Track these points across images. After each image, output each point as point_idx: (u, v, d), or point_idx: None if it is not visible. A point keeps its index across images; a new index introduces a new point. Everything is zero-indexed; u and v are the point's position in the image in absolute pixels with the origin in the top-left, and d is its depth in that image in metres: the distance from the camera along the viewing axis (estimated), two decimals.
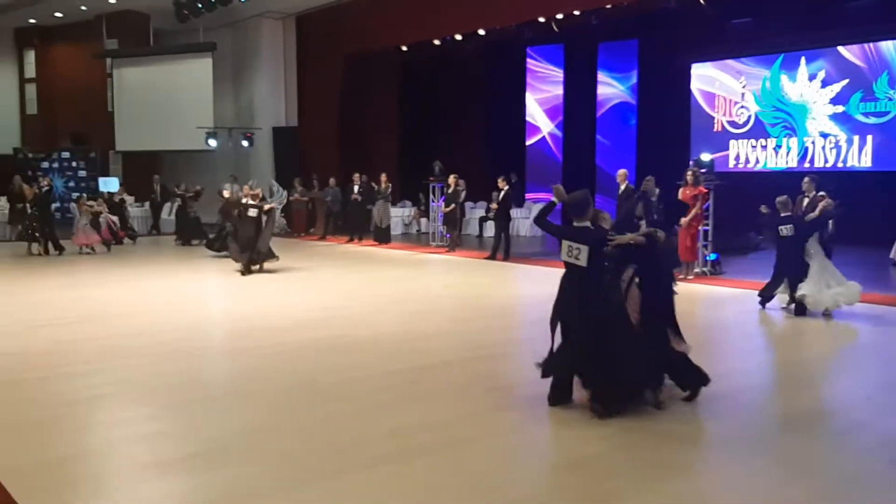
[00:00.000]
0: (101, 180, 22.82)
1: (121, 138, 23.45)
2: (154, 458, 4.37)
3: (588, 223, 5.25)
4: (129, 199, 20.58)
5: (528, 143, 22.75)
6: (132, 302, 9.85)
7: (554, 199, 5.54)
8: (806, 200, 10.41)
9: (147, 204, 21.40)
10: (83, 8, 22.65)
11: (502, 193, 14.69)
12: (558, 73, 22.17)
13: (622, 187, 12.47)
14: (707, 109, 19.63)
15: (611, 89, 21.25)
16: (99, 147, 23.79)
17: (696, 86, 19.84)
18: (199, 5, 20.01)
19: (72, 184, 23.56)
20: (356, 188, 18.29)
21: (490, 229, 18.28)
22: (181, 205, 18.63)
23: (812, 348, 7.69)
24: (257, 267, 12.30)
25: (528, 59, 22.47)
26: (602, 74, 21.32)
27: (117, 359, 6.70)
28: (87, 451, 4.56)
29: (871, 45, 16.66)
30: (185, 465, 4.30)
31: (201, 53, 22.70)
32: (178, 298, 10.13)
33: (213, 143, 22.45)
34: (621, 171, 12.80)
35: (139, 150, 23.42)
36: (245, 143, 22.78)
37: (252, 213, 12.38)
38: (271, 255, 12.55)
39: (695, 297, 9.95)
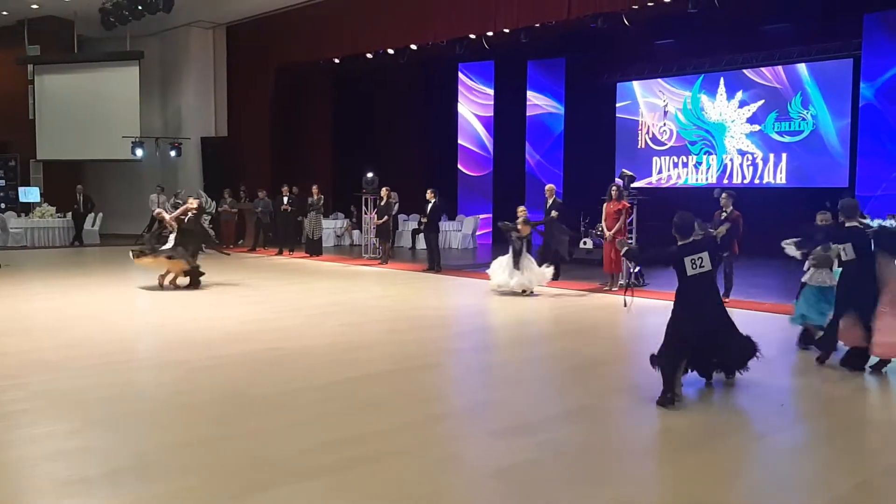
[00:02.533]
0: (21, 189, 22.10)
1: (42, 147, 22.72)
2: (77, 474, 4.27)
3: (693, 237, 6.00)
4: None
5: (459, 156, 23.02)
6: (58, 315, 9.59)
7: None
8: (724, 215, 10.90)
9: (69, 214, 20.78)
10: (4, 13, 21.94)
11: (430, 205, 14.85)
12: (489, 89, 22.54)
13: (549, 202, 12.89)
14: (631, 127, 20.24)
15: (540, 105, 21.72)
16: (19, 155, 23.00)
17: (620, 104, 20.45)
18: (126, 13, 19.62)
19: None
20: (285, 199, 18.19)
21: (423, 241, 18.40)
22: None
23: None
24: (185, 280, 12.06)
25: (461, 75, 22.78)
26: (531, 91, 21.78)
27: (39, 373, 6.52)
28: (3, 468, 4.43)
29: (786, 67, 17.51)
30: (110, 480, 4.21)
31: (128, 62, 22.22)
32: (106, 311, 9.88)
33: (139, 152, 21.99)
34: (549, 187, 13.28)
35: (62, 158, 22.74)
36: (173, 153, 22.37)
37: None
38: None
39: (619, 307, 10.21)
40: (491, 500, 4.09)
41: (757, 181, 17.94)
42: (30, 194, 21.91)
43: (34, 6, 21.38)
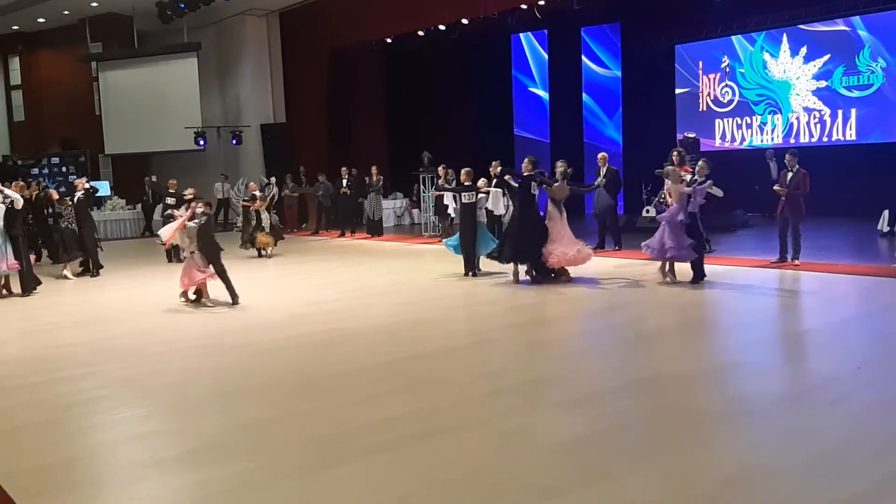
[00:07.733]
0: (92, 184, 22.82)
1: (110, 141, 23.42)
2: (153, 457, 4.43)
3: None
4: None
5: (515, 129, 22.82)
6: (126, 304, 9.90)
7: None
8: (790, 175, 10.56)
9: (139, 206, 21.44)
10: (66, 12, 22.57)
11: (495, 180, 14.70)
12: (544, 59, 22.22)
13: (603, 170, 12.84)
14: (691, 89, 19.70)
15: (596, 72, 21.31)
16: (88, 151, 23.78)
17: (679, 66, 19.90)
18: (182, 5, 19.97)
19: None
20: (344, 182, 18.35)
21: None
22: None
23: (800, 322, 7.81)
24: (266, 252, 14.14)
25: (514, 46, 22.51)
26: (587, 58, 21.38)
27: (112, 361, 6.77)
28: (85, 453, 4.63)
29: (852, 19, 16.74)
30: (184, 461, 4.37)
31: (186, 53, 22.64)
32: (171, 299, 10.15)
33: (201, 142, 22.46)
34: (601, 155, 13.24)
35: (129, 152, 23.42)
36: (234, 142, 22.78)
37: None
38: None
39: (683, 275, 9.98)
40: (556, 473, 4.07)
41: (825, 139, 17.27)
42: (100, 188, 22.63)
43: (94, 4, 21.93)
